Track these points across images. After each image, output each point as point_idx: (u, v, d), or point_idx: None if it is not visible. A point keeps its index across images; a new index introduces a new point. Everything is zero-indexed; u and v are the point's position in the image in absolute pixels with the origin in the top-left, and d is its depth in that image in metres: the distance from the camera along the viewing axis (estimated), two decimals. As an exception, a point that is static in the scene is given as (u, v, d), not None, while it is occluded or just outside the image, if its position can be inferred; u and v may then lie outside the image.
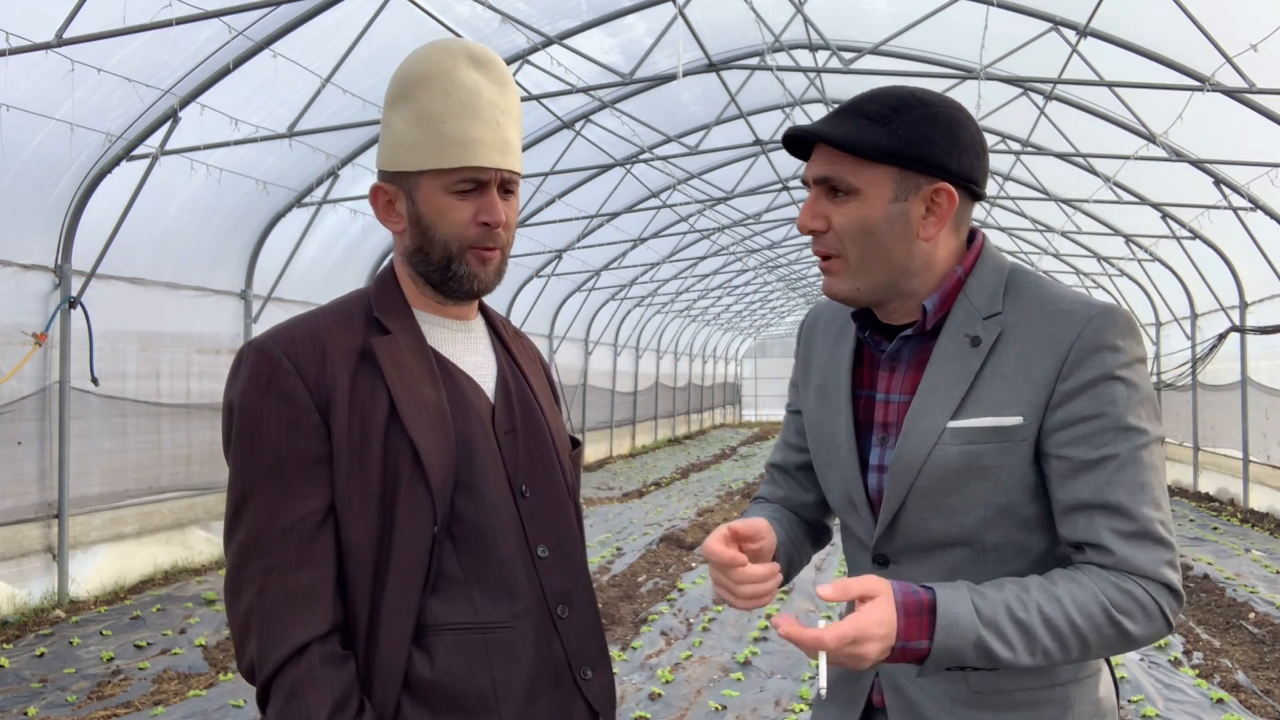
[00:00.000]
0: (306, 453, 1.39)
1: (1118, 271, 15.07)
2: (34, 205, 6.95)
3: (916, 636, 1.26)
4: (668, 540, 10.02)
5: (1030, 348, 1.37)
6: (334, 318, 1.49)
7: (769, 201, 15.39)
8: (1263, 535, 10.21)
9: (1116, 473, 1.32)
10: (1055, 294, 1.40)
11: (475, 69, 1.46)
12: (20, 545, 7.03)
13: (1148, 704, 5.04)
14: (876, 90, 1.44)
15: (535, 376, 1.66)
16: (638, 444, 21.56)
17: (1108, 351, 1.34)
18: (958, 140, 1.39)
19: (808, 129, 1.40)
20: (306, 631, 1.34)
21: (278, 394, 1.39)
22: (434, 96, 1.44)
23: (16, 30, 5.69)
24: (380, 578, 1.39)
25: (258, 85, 7.33)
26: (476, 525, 1.44)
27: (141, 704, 5.19)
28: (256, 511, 1.38)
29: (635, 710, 5.01)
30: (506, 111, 1.48)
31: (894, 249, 1.40)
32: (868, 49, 8.44)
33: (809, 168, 1.45)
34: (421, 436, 1.41)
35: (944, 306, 1.44)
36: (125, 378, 7.94)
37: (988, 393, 1.37)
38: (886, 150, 1.36)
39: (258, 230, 9.10)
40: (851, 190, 1.39)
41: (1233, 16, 6.77)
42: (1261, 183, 8.95)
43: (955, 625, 1.26)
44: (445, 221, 1.46)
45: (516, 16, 7.35)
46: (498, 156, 1.45)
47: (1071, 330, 1.35)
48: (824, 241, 1.44)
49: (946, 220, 1.41)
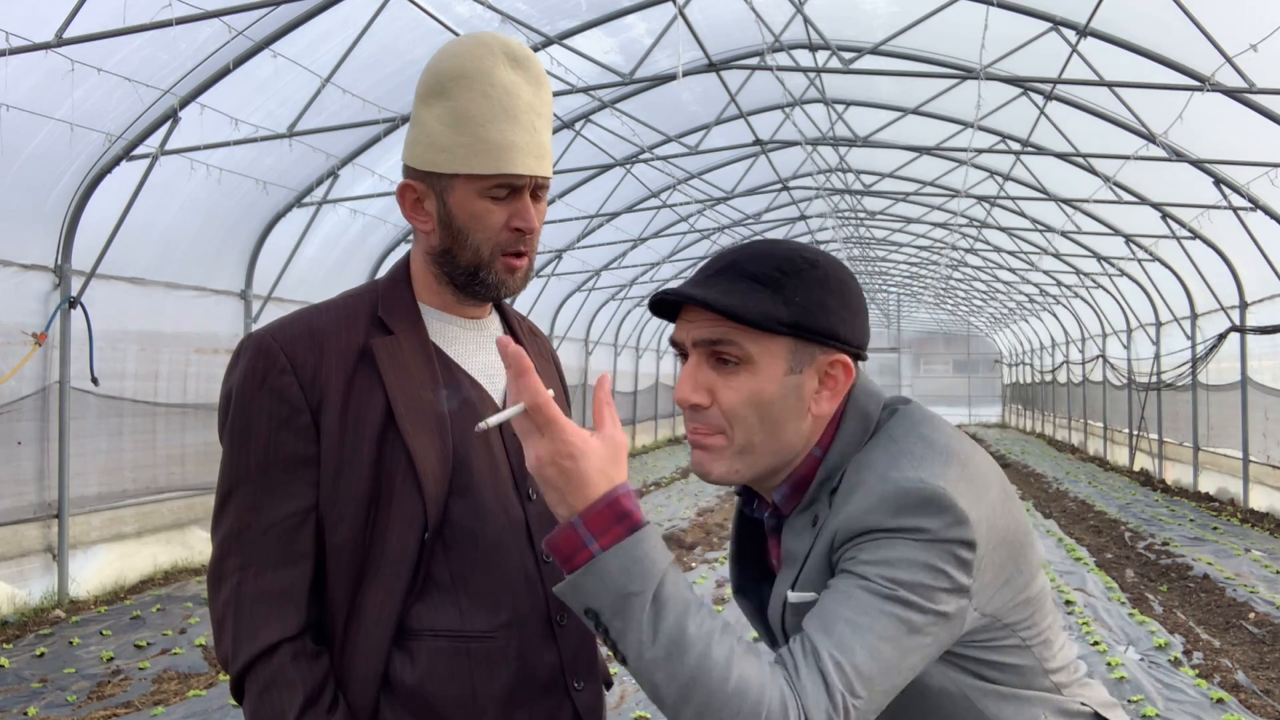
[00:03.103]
0: (295, 452, 1.39)
1: (1118, 271, 15.07)
2: (34, 205, 6.95)
3: (597, 531, 1.11)
4: (668, 540, 10.03)
5: (832, 522, 1.26)
6: (337, 314, 1.47)
7: (769, 201, 15.40)
8: (1263, 535, 10.21)
9: (826, 605, 1.18)
10: (871, 463, 1.27)
11: (513, 68, 1.43)
12: (20, 545, 7.03)
13: (1148, 704, 5.04)
14: (754, 246, 1.31)
15: (547, 376, 1.63)
16: (638, 444, 21.56)
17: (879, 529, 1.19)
18: (848, 304, 1.29)
19: (690, 294, 1.25)
20: (278, 632, 1.35)
21: (271, 391, 1.39)
22: (473, 97, 1.40)
23: (16, 30, 5.69)
24: (366, 579, 1.39)
25: (258, 85, 7.34)
26: (469, 532, 1.42)
27: (141, 704, 5.19)
28: (241, 506, 1.39)
29: (635, 710, 5.00)
30: (542, 114, 1.45)
31: (785, 427, 1.28)
32: (868, 49, 8.45)
33: (686, 329, 1.29)
34: (416, 441, 1.39)
35: (795, 497, 1.33)
36: (124, 378, 7.94)
37: (814, 571, 1.27)
38: (785, 321, 1.24)
39: (258, 230, 9.10)
40: (743, 360, 1.25)
41: (1233, 16, 6.77)
42: (1261, 183, 8.95)
43: (639, 560, 1.10)
44: (478, 225, 1.43)
45: (516, 16, 7.35)
46: (533, 162, 1.43)
47: (856, 505, 1.23)
48: (705, 417, 1.28)
49: (841, 394, 1.30)
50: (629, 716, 4.93)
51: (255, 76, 7.17)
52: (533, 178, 1.44)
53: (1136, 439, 16.37)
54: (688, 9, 7.48)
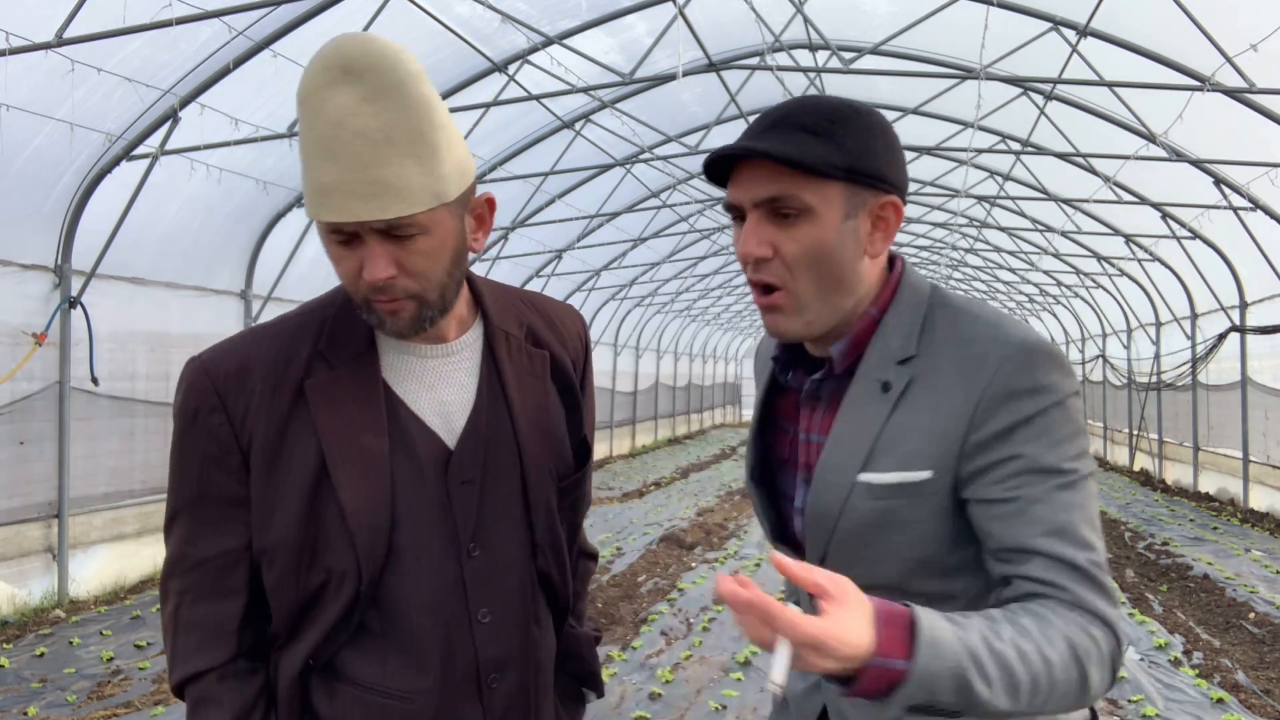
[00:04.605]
0: (227, 491, 1.34)
1: (1118, 271, 15.07)
2: (34, 205, 6.95)
3: (895, 653, 1.08)
4: (668, 540, 10.02)
5: (940, 397, 1.28)
6: (279, 343, 1.36)
7: (769, 201, 15.37)
8: (1263, 535, 10.21)
9: (1041, 514, 1.22)
10: (970, 334, 1.30)
11: (347, 84, 1.18)
12: (20, 545, 7.03)
13: (1148, 704, 5.04)
14: (802, 100, 1.34)
15: (531, 396, 1.46)
16: (638, 444, 21.55)
17: (1024, 396, 1.24)
18: (892, 149, 1.33)
19: (750, 147, 1.27)
20: (207, 661, 1.35)
21: (203, 429, 1.33)
22: (303, 128, 1.22)
23: (16, 30, 5.69)
24: (301, 618, 1.36)
25: (258, 85, 7.33)
26: (404, 591, 1.34)
27: (141, 704, 5.19)
28: (180, 535, 1.37)
29: (635, 710, 5.01)
30: (388, 140, 1.19)
31: (844, 271, 1.31)
32: (868, 49, 8.44)
33: (744, 190, 1.31)
34: (349, 493, 1.30)
35: (853, 352, 1.36)
36: (135, 378, 7.95)
37: (896, 444, 1.29)
38: (841, 166, 1.27)
39: (258, 230, 9.10)
40: (803, 210, 1.28)
41: (1233, 16, 6.76)
42: (1261, 183, 8.95)
43: (937, 645, 1.08)
44: (339, 272, 1.29)
45: (516, 16, 7.35)
46: (358, 205, 1.19)
47: (983, 376, 1.25)
48: (770, 270, 1.30)
49: (893, 235, 1.34)
50: (629, 716, 4.93)
51: (255, 76, 7.17)
52: (358, 223, 1.21)
53: (1136, 439, 16.36)
54: (688, 9, 7.48)
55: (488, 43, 8.04)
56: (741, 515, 12.12)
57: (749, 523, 11.53)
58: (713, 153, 1.30)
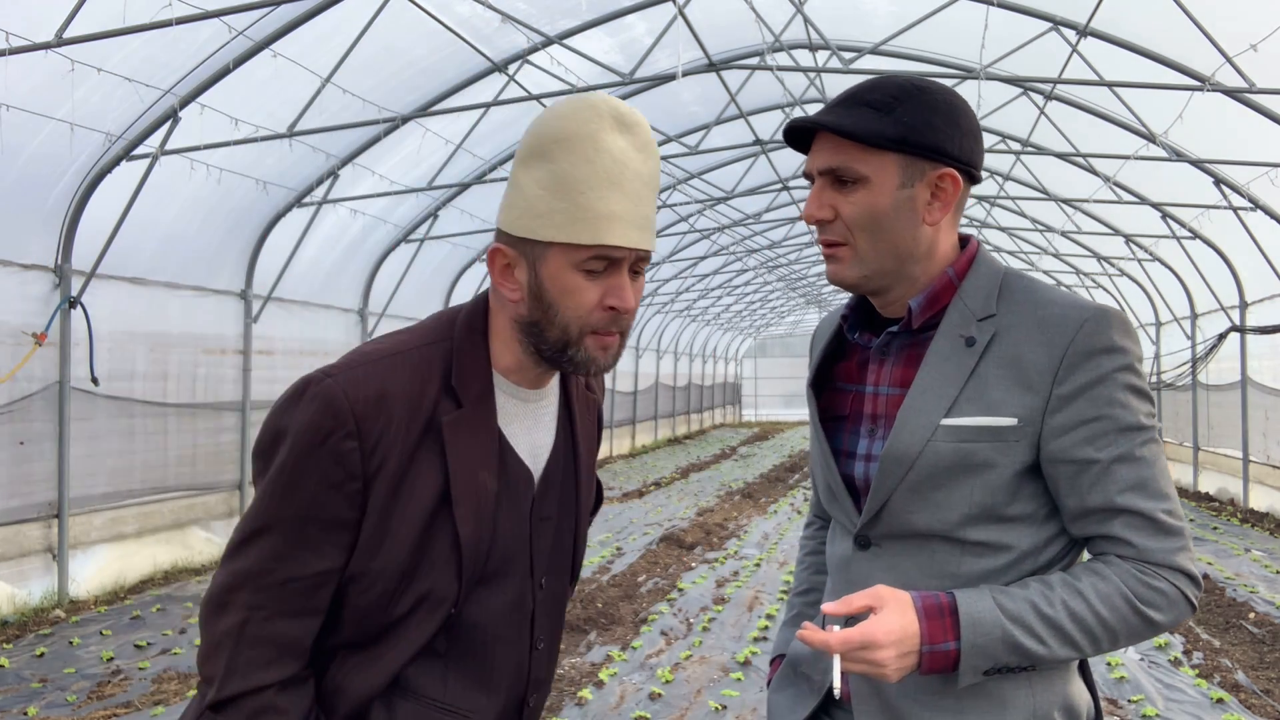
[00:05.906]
0: (337, 515, 1.34)
1: (1118, 271, 15.07)
2: (34, 205, 6.95)
3: (942, 638, 1.30)
4: (668, 540, 10.02)
5: (1025, 351, 1.39)
6: (411, 374, 1.38)
7: (769, 201, 15.39)
8: (1263, 535, 10.21)
9: (1123, 472, 1.35)
10: (1049, 297, 1.43)
11: (621, 133, 1.34)
12: (20, 545, 7.03)
13: (1148, 704, 5.04)
14: (876, 79, 1.47)
15: (587, 440, 1.59)
16: (638, 444, 21.56)
17: (1103, 354, 1.37)
18: (958, 125, 1.43)
19: (813, 119, 1.43)
20: (274, 676, 1.34)
21: (331, 453, 1.32)
22: (575, 161, 1.31)
23: (16, 30, 5.69)
24: (379, 638, 1.38)
25: (258, 85, 7.33)
26: (480, 619, 1.42)
27: (141, 704, 5.19)
28: (267, 549, 1.34)
29: (635, 710, 5.00)
30: (649, 184, 1.36)
31: (901, 235, 1.44)
32: (868, 49, 8.45)
33: (812, 159, 1.47)
34: (467, 527, 1.37)
35: (930, 307, 1.47)
36: (134, 378, 7.95)
37: (982, 392, 1.39)
38: (892, 137, 1.40)
39: (258, 230, 9.10)
40: (859, 179, 1.42)
41: (1233, 16, 6.77)
42: (1261, 183, 8.96)
43: (979, 623, 1.30)
44: (570, 303, 1.34)
45: (516, 16, 7.35)
46: (635, 235, 1.33)
47: (1066, 334, 1.37)
48: (832, 230, 1.46)
49: (952, 204, 1.45)
50: (629, 716, 4.93)
51: (255, 76, 7.17)
52: (633, 251, 1.34)
53: (1136, 439, 16.35)
54: (688, 9, 7.48)
55: (488, 43, 8.04)
56: (741, 515, 12.12)
57: (749, 523, 11.54)
58: (787, 123, 1.47)
